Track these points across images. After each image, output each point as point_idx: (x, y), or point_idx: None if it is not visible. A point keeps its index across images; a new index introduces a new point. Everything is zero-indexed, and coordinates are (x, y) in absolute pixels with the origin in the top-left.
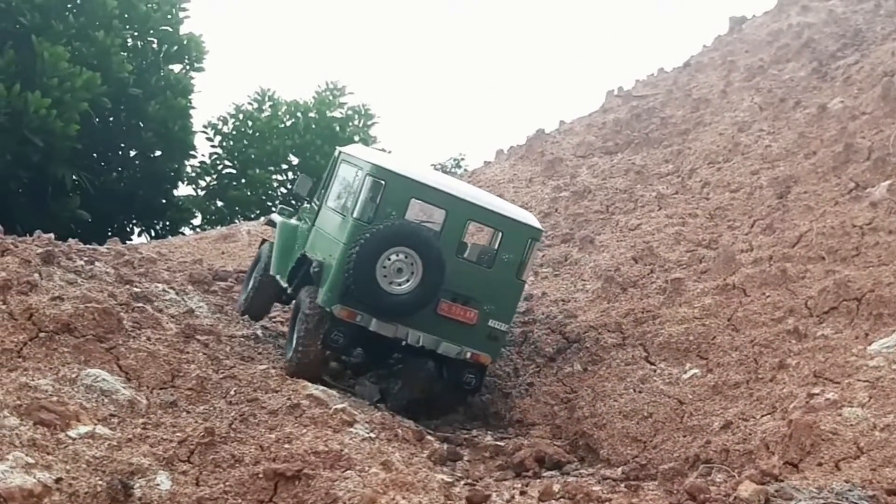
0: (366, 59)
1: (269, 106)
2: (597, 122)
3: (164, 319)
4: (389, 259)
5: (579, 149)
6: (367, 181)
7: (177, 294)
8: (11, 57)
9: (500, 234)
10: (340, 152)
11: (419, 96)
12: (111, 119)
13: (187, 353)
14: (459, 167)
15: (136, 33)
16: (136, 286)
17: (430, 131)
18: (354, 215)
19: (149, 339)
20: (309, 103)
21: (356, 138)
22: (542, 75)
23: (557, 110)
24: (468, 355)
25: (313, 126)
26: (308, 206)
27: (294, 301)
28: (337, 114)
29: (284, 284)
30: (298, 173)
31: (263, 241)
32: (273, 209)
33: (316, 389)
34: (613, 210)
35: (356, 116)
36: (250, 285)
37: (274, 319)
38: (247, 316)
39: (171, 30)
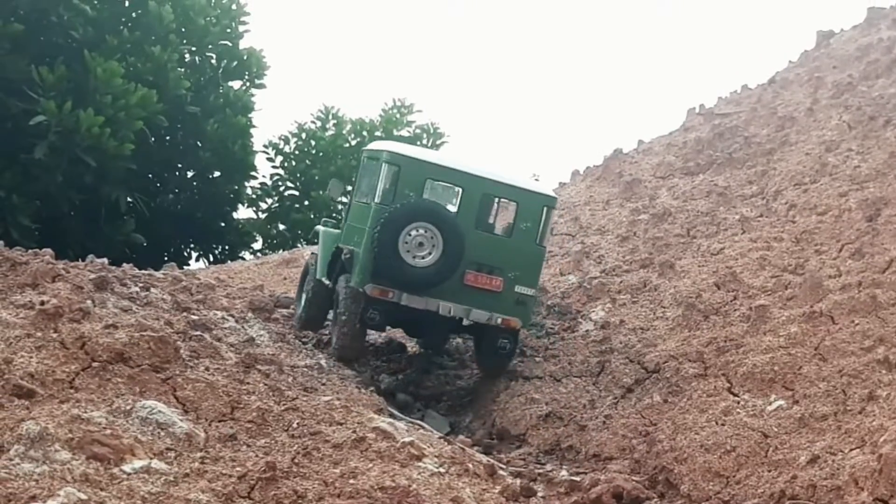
0: (435, 76)
1: (334, 124)
2: (677, 142)
3: (223, 348)
4: (410, 234)
5: (659, 169)
6: (384, 168)
7: (236, 322)
8: (63, 73)
9: (517, 205)
10: (363, 151)
11: (491, 114)
12: (167, 138)
13: (247, 383)
14: None
15: (193, 48)
16: (193, 314)
17: (502, 151)
18: (376, 200)
19: (207, 369)
20: (375, 122)
21: None
22: (621, 92)
23: (636, 129)
24: (499, 321)
25: None
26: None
27: (335, 286)
28: (405, 132)
29: (326, 281)
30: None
31: (312, 254)
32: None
33: (383, 422)
34: (695, 234)
35: (425, 135)
36: (303, 298)
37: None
38: (307, 330)
39: (230, 44)
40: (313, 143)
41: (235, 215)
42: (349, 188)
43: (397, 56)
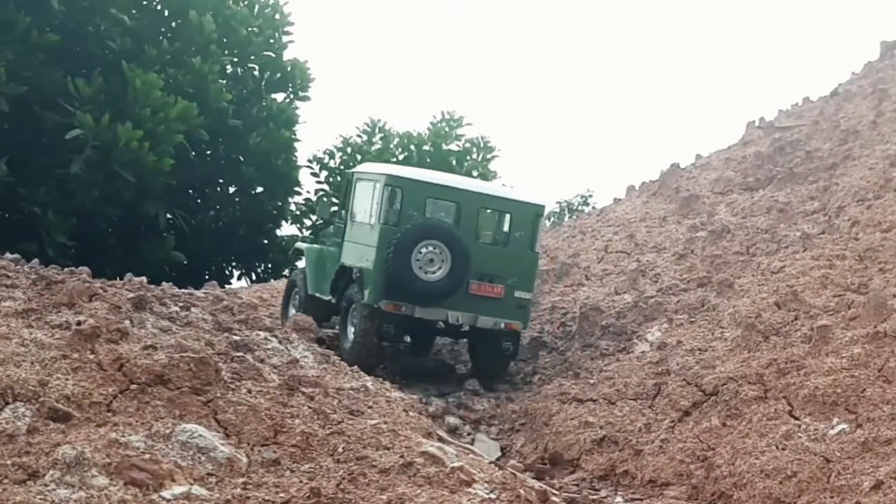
0: (485, 88)
1: (380, 138)
2: (736, 156)
3: (266, 370)
4: (421, 252)
5: (717, 185)
6: (385, 191)
7: (280, 343)
8: (100, 85)
9: (509, 216)
10: (353, 173)
11: (544, 127)
12: (208, 153)
13: (291, 406)
14: (587, 204)
15: (235, 59)
16: (235, 334)
17: (555, 165)
18: (381, 221)
19: (249, 391)
20: (423, 135)
21: (474, 173)
22: (677, 105)
23: (693, 143)
24: (503, 325)
25: (428, 160)
26: (331, 229)
27: (343, 302)
28: (454, 146)
29: (328, 297)
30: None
31: (292, 269)
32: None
33: (431, 446)
34: (754, 251)
35: (474, 149)
36: (290, 311)
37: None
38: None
39: (273, 56)
40: (359, 157)
41: (279, 232)
42: (334, 209)
43: (445, 67)
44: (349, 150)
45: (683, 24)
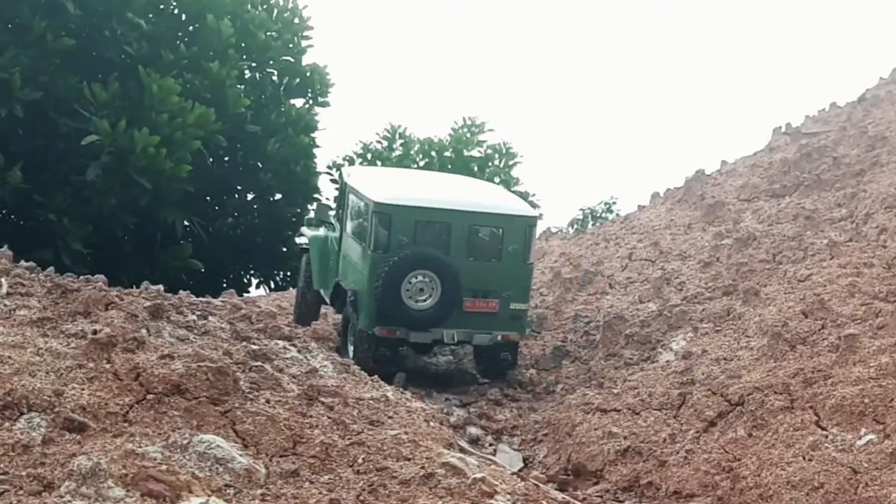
0: (506, 93)
1: (401, 144)
2: (762, 163)
3: (285, 380)
4: (411, 282)
5: (743, 192)
6: (374, 217)
7: (299, 352)
8: (116, 90)
9: (501, 230)
10: (346, 182)
11: (566, 132)
12: (226, 159)
13: (310, 416)
14: (611, 211)
15: (254, 64)
16: (253, 343)
17: (578, 171)
18: (371, 249)
19: (268, 401)
20: (444, 141)
21: (496, 179)
22: (703, 110)
23: (719, 149)
24: (500, 337)
25: (449, 166)
26: (334, 221)
27: (342, 315)
28: (475, 153)
29: (328, 301)
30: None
31: (301, 250)
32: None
33: (453, 457)
34: (781, 259)
35: (496, 156)
36: (298, 294)
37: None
38: (299, 324)
39: (292, 61)
40: (379, 163)
41: (298, 240)
42: (331, 212)
43: (470, 70)
44: (369, 156)
45: (710, 28)
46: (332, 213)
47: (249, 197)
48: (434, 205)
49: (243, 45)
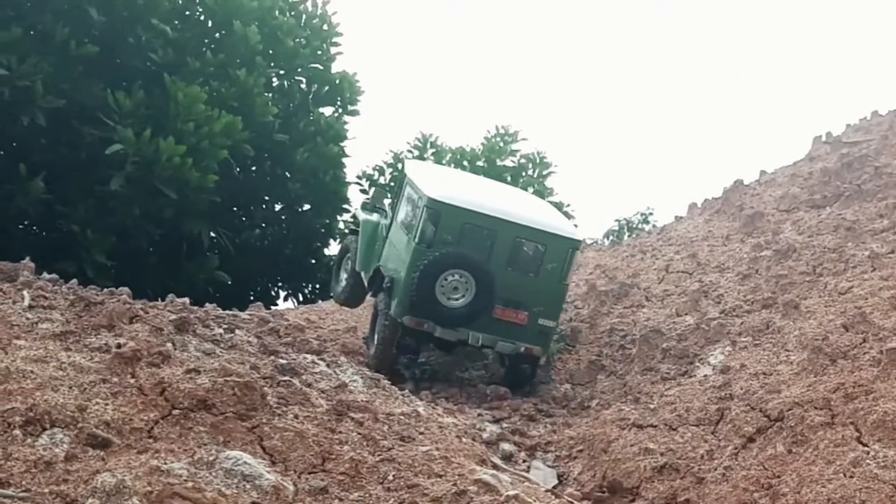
0: (541, 101)
1: (432, 153)
2: (802, 172)
3: (314, 395)
4: (447, 280)
5: (782, 202)
6: (424, 212)
7: (328, 366)
8: (141, 98)
9: (544, 247)
10: (406, 174)
11: (601, 141)
12: (254, 169)
13: (340, 432)
14: (647, 222)
15: (282, 72)
16: (281, 357)
17: (613, 181)
18: (416, 240)
19: (296, 416)
20: (477, 150)
21: (530, 189)
22: (741, 119)
23: (758, 158)
24: (522, 349)
25: (482, 176)
26: (388, 208)
27: (374, 308)
28: (508, 162)
29: (365, 284)
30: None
31: (351, 231)
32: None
33: (485, 474)
34: (821, 271)
35: (530, 165)
36: (342, 276)
37: (438, 395)
38: (346, 306)
39: (321, 68)
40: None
41: (327, 251)
42: (387, 200)
43: (504, 78)
44: (399, 165)
45: (748, 34)
46: (388, 200)
47: (277, 207)
48: (483, 210)
49: (271, 52)
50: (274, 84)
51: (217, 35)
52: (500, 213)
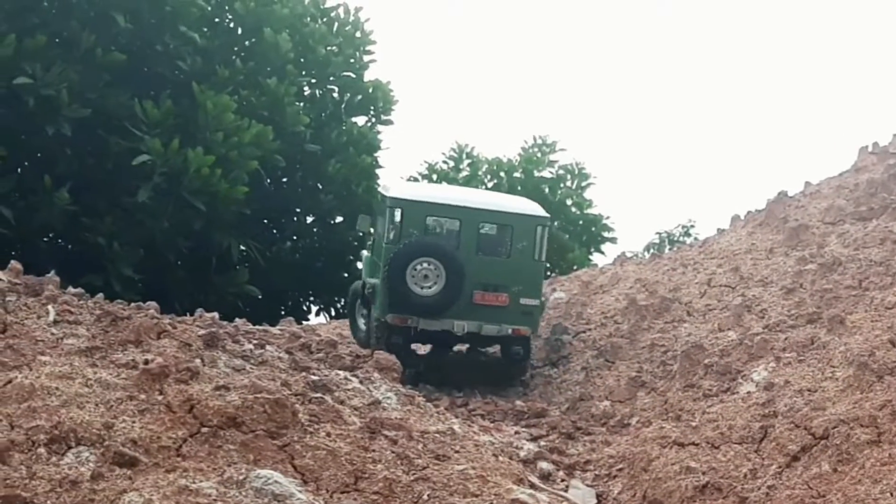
0: (580, 112)
1: (468, 164)
2: (848, 184)
3: (347, 412)
4: (416, 269)
5: (828, 214)
6: (388, 211)
7: (361, 383)
8: (169, 108)
9: (511, 229)
10: (378, 191)
11: (643, 153)
12: (285, 180)
13: (373, 451)
14: (689, 235)
15: (313, 80)
16: (313, 373)
17: (655, 193)
18: (385, 241)
19: (328, 434)
20: (514, 161)
21: (568, 201)
22: (786, 129)
23: (802, 169)
24: (510, 331)
25: (519, 188)
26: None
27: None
28: (546, 173)
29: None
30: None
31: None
32: None
33: (523, 493)
34: (868, 285)
35: (568, 176)
36: (360, 322)
37: (474, 413)
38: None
39: (354, 76)
40: (444, 184)
41: (359, 265)
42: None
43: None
44: (434, 176)
45: (793, 41)
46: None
47: (309, 220)
48: (444, 201)
49: (302, 60)
50: (305, 93)
51: (247, 43)
52: (460, 202)
